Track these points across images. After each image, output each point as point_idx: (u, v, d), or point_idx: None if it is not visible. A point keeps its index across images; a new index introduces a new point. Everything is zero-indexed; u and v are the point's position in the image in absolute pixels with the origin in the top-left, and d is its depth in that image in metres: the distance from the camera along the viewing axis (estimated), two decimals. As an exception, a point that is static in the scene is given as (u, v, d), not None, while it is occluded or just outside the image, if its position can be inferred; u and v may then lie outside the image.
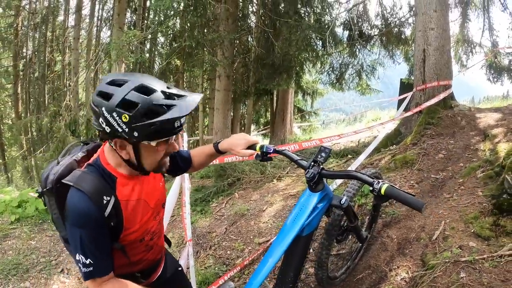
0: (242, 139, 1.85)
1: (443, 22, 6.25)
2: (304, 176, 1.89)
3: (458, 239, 2.72)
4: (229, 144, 1.85)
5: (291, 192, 5.00)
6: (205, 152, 1.91)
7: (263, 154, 1.84)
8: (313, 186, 1.75)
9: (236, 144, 1.83)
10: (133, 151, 1.32)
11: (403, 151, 5.21)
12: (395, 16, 9.68)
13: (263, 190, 5.48)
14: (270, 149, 1.83)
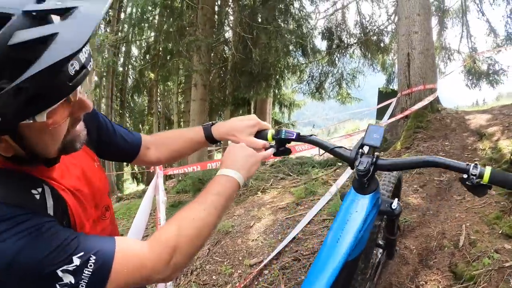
0: (249, 121, 1.27)
1: (427, 26, 6.17)
2: (291, 186, 1.53)
3: (488, 242, 2.43)
4: (229, 129, 1.26)
5: (280, 205, 4.53)
6: (185, 137, 1.30)
7: (280, 143, 1.28)
8: (366, 184, 1.20)
9: (240, 129, 1.25)
10: (13, 140, 0.71)
11: (396, 156, 4.97)
12: (374, 24, 9.65)
13: (248, 204, 4.98)
14: (292, 134, 1.26)
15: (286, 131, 1.27)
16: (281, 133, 1.26)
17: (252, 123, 1.26)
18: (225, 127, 1.27)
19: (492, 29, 9.13)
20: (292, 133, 1.27)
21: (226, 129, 1.26)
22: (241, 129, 1.25)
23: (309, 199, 4.43)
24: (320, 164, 7.17)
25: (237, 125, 1.26)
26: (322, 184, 5.14)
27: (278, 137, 1.26)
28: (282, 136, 1.26)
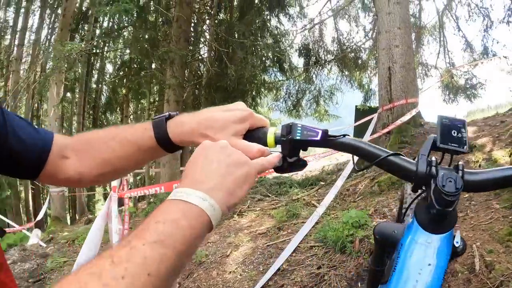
0: (235, 111, 0.72)
1: (407, 39, 6.04)
2: (270, 208, 1.31)
3: (508, 263, 2.16)
4: (199, 124, 0.70)
5: (259, 229, 4.05)
6: (121, 139, 0.74)
7: (290, 150, 0.75)
8: (446, 217, 0.70)
9: (220, 124, 0.69)
10: None
11: (383, 173, 4.65)
12: (351, 41, 9.57)
13: (223, 229, 4.48)
14: (315, 133, 0.74)
15: (304, 127, 0.74)
16: (294, 131, 0.73)
17: (240, 114, 0.70)
18: (193, 121, 0.69)
19: (469, 44, 9.28)
20: (315, 130, 0.73)
21: (193, 125, 0.68)
22: (221, 124, 0.68)
23: (291, 222, 3.98)
24: (300, 184, 6.83)
25: (215, 117, 0.69)
26: (304, 205, 4.72)
27: (289, 137, 0.73)
28: (296, 137, 0.73)
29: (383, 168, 0.72)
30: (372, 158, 0.72)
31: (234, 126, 0.68)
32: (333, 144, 0.75)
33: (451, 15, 9.58)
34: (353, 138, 0.75)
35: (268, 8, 9.17)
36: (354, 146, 0.73)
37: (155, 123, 0.70)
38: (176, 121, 0.69)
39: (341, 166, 8.30)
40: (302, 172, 9.25)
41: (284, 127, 0.75)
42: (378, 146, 0.74)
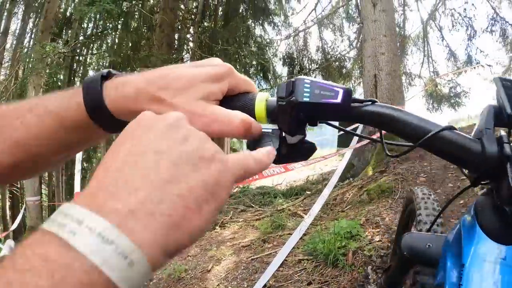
0: (207, 67, 0.45)
1: (393, 47, 6.00)
2: (254, 219, 1.55)
3: None
4: (152, 85, 0.42)
5: (243, 242, 3.80)
6: (45, 113, 0.45)
7: (294, 125, 0.48)
8: None
9: (185, 83, 0.42)
10: None
11: (371, 181, 4.51)
12: (336, 50, 9.58)
13: (204, 241, 4.21)
14: (333, 92, 0.46)
15: (315, 83, 0.47)
16: (299, 89, 0.46)
17: (214, 70, 0.45)
18: (141, 79, 0.43)
19: (452, 53, 9.45)
20: (332, 88, 0.46)
21: (140, 85, 0.43)
22: (184, 82, 0.43)
23: (277, 234, 3.75)
24: (284, 194, 6.63)
25: (176, 74, 0.44)
26: (290, 216, 4.50)
27: (291, 100, 0.46)
28: (304, 98, 0.46)
29: (431, 149, 0.48)
30: (415, 134, 0.47)
31: (204, 86, 0.43)
32: (358, 114, 0.49)
33: (435, 24, 9.76)
34: (386, 105, 0.50)
35: (252, 15, 9.09)
36: (390, 117, 0.48)
37: (86, 83, 0.45)
38: (117, 81, 0.44)
39: (326, 176, 8.18)
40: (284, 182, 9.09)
41: (283, 85, 0.48)
42: (425, 119, 0.48)
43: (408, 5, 9.80)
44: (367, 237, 2.84)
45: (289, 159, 0.51)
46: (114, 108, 0.43)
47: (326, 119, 0.51)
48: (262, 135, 0.47)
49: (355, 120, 0.51)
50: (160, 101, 0.41)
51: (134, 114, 0.38)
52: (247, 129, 0.42)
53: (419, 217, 1.49)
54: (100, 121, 0.45)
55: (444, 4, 9.82)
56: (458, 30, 9.45)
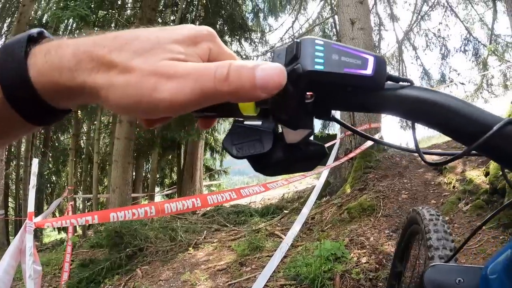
0: (176, 29, 0.31)
1: (370, 65, 6.09)
2: (230, 240, 1.79)
3: None
4: (102, 46, 0.28)
5: (218, 265, 3.54)
6: None
7: (298, 112, 0.32)
8: None
9: (144, 43, 0.29)
10: None
11: (351, 199, 4.41)
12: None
13: (177, 264, 3.92)
14: (360, 59, 0.30)
15: (331, 45, 0.30)
16: (307, 53, 0.30)
17: (189, 32, 0.31)
18: (84, 41, 0.29)
19: (426, 72, 9.80)
20: (359, 55, 0.30)
21: (83, 48, 0.28)
22: (146, 42, 0.28)
23: (255, 256, 3.52)
24: (259, 213, 6.45)
25: (136, 34, 0.29)
26: (267, 236, 4.29)
27: (294, 68, 0.30)
28: (315, 66, 0.29)
29: (490, 153, 0.32)
30: (470, 132, 0.31)
31: (174, 47, 0.29)
32: (394, 101, 0.32)
33: (410, 44, 10.13)
34: (430, 90, 0.33)
35: (229, 31, 9.04)
36: (442, 107, 0.31)
37: (5, 47, 0.29)
38: (51, 44, 0.30)
39: (301, 194, 8.08)
40: (258, 200, 8.89)
41: (282, 49, 0.33)
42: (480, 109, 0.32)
43: (383, 25, 10.14)
44: (353, 259, 2.68)
45: (287, 168, 0.36)
46: (41, 85, 0.28)
47: (346, 105, 0.34)
48: (246, 131, 0.33)
49: (386, 110, 0.34)
50: (111, 67, 0.28)
51: (70, 94, 0.29)
52: (247, 76, 0.27)
53: (429, 241, 1.33)
54: (21, 104, 0.29)
55: (419, 25, 10.26)
56: (432, 49, 9.90)
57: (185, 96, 0.27)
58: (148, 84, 0.27)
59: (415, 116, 0.33)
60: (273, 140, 0.33)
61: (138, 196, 11.34)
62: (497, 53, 9.51)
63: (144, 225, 5.14)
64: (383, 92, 0.32)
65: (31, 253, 1.62)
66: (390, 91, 0.32)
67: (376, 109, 0.34)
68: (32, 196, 1.86)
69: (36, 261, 1.67)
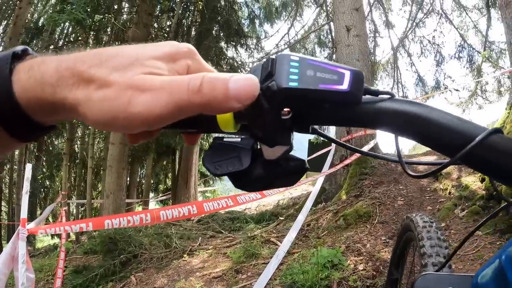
0: (157, 45, 0.32)
1: (366, 71, 6.14)
2: (225, 246, 1.81)
3: None
4: (82, 62, 0.29)
5: (214, 272, 3.51)
6: None
7: (274, 128, 0.32)
8: None
9: (124, 59, 0.29)
10: None
11: (347, 205, 4.41)
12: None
13: (172, 271, 3.89)
14: (336, 74, 0.30)
15: (306, 60, 0.30)
16: (282, 69, 0.29)
17: (170, 49, 0.31)
18: (66, 58, 0.29)
19: (421, 78, 9.90)
20: (335, 69, 0.30)
21: (65, 64, 0.29)
22: (127, 58, 0.29)
23: (251, 263, 3.50)
24: (254, 219, 6.42)
25: (117, 51, 0.30)
26: (263, 243, 4.27)
27: (269, 86, 0.29)
28: (289, 83, 0.29)
29: (473, 164, 0.32)
30: (452, 143, 0.31)
31: (153, 64, 0.30)
32: (373, 113, 0.32)
33: (405, 50, 10.24)
34: (410, 100, 0.33)
35: (225, 36, 9.08)
36: (421, 119, 0.31)
37: None
38: (34, 60, 0.30)
39: (296, 200, 8.06)
40: (253, 207, 8.86)
41: (258, 66, 0.33)
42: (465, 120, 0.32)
43: (379, 32, 10.25)
44: (350, 266, 2.67)
45: (267, 184, 0.35)
46: (25, 101, 0.29)
47: (323, 120, 0.35)
48: (226, 148, 0.34)
49: (365, 124, 0.34)
50: (90, 82, 0.28)
51: (52, 109, 0.30)
52: (220, 88, 0.27)
53: (423, 249, 1.33)
54: (7, 121, 0.30)
55: (414, 32, 10.38)
56: (427, 56, 10.01)
57: (160, 109, 0.27)
58: (124, 98, 0.27)
59: (396, 129, 0.33)
60: (252, 156, 0.33)
61: (132, 202, 11.26)
62: (491, 59, 9.61)
63: (139, 232, 5.10)
64: (361, 106, 0.32)
65: (24, 261, 1.59)
66: (368, 104, 0.32)
67: (355, 123, 0.34)
68: (25, 202, 1.83)
69: (29, 269, 1.64)
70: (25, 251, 1.61)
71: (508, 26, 4.69)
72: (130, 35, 7.06)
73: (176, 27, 8.51)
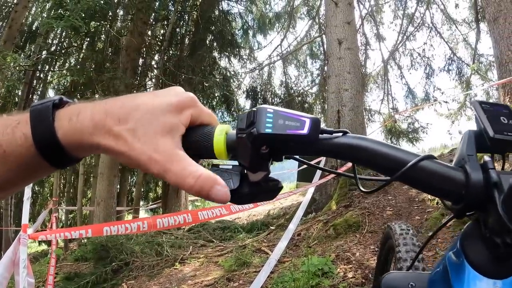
0: (168, 96, 0.41)
1: (357, 84, 6.25)
2: (216, 255, 1.84)
3: None
4: (111, 117, 0.38)
5: (206, 280, 3.55)
6: None
7: (256, 160, 0.42)
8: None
9: (142, 114, 0.38)
10: None
11: (337, 215, 4.49)
12: (299, 85, 9.87)
13: (163, 279, 3.90)
14: (299, 122, 0.41)
15: (279, 112, 0.42)
16: (261, 120, 0.41)
17: (177, 100, 0.41)
18: (98, 110, 0.39)
19: (411, 90, 10.11)
20: (299, 118, 0.41)
21: (97, 117, 0.38)
22: (144, 113, 0.39)
23: (242, 272, 3.54)
24: (245, 229, 6.45)
25: (136, 103, 0.40)
26: (254, 252, 4.31)
27: (251, 131, 0.41)
28: (266, 130, 0.40)
29: (410, 182, 0.44)
30: (392, 167, 0.43)
31: (166, 119, 0.40)
32: (328, 147, 0.44)
33: (395, 63, 10.45)
34: (358, 136, 0.45)
35: (219, 47, 9.18)
36: (363, 150, 0.43)
37: (34, 112, 0.39)
38: (71, 110, 0.39)
39: (287, 210, 8.11)
40: (244, 217, 8.88)
41: (243, 116, 0.43)
42: (401, 148, 0.45)
43: (370, 45, 10.47)
44: (339, 273, 2.74)
45: (252, 199, 0.46)
46: (67, 143, 0.38)
47: (292, 153, 0.47)
48: (221, 173, 0.43)
49: (324, 154, 0.46)
50: (119, 137, 0.38)
51: (89, 149, 0.39)
52: (205, 191, 0.39)
53: (399, 254, 1.43)
54: (49, 155, 0.38)
55: (404, 44, 10.61)
56: (417, 69, 10.22)
57: (167, 177, 0.38)
58: (145, 156, 0.38)
59: (347, 158, 0.44)
60: (240, 179, 0.43)
61: (122, 210, 11.16)
62: (480, 72, 9.84)
63: (130, 239, 5.09)
64: (318, 143, 0.43)
65: (25, 266, 1.63)
66: (324, 141, 0.43)
67: (315, 154, 0.46)
68: (26, 208, 1.87)
69: (29, 274, 1.68)
70: (26, 256, 1.65)
71: (496, 40, 4.87)
72: (124, 43, 7.13)
73: (170, 36, 8.59)
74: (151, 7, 7.80)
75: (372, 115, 10.36)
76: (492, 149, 0.45)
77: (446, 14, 10.59)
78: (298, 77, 10.12)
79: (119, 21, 9.56)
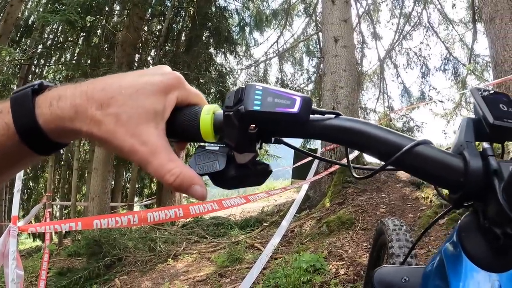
0: (151, 75, 0.40)
1: (352, 82, 6.25)
2: (209, 251, 1.77)
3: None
4: (92, 99, 0.37)
5: (198, 276, 3.55)
6: None
7: (243, 140, 0.40)
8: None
9: (127, 96, 0.37)
10: None
11: (330, 212, 4.50)
12: (295, 82, 9.85)
13: (156, 274, 3.89)
14: (289, 100, 0.39)
15: (268, 90, 0.39)
16: (249, 97, 0.39)
17: (162, 80, 0.39)
18: (79, 93, 0.37)
19: (407, 89, 10.14)
20: (289, 96, 0.39)
21: (78, 101, 0.37)
22: (129, 95, 0.37)
23: (234, 267, 3.55)
24: (239, 225, 6.45)
25: (120, 84, 0.38)
26: (247, 248, 4.32)
27: (238, 109, 0.39)
28: (254, 107, 0.38)
29: (405, 167, 0.41)
30: (387, 151, 0.40)
31: (150, 103, 0.38)
32: (319, 129, 0.42)
33: (391, 62, 10.47)
34: (352, 118, 0.42)
35: (215, 43, 9.15)
36: (357, 133, 0.41)
37: (14, 100, 0.38)
38: (51, 95, 0.38)
39: (281, 207, 8.12)
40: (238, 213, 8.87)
41: (231, 93, 0.41)
42: (396, 131, 0.42)
43: (366, 43, 10.48)
44: (331, 270, 2.75)
45: (239, 182, 0.43)
46: (49, 129, 0.37)
47: (282, 134, 0.44)
48: (207, 154, 0.42)
49: (315, 137, 0.44)
50: (100, 123, 0.36)
51: (72, 135, 0.38)
52: (183, 189, 0.38)
53: (391, 249, 1.43)
54: (32, 142, 0.38)
55: (400, 44, 10.64)
56: (413, 68, 10.27)
57: (149, 167, 0.37)
58: (127, 144, 0.37)
59: (340, 141, 0.42)
60: (227, 161, 0.41)
61: (116, 206, 11.13)
62: (476, 72, 9.88)
63: (123, 235, 5.08)
64: (309, 124, 0.41)
65: (14, 257, 1.62)
66: (316, 122, 0.41)
67: (306, 136, 0.44)
68: (16, 200, 1.85)
69: (18, 266, 1.66)
70: (16, 248, 1.64)
71: (492, 40, 4.89)
72: (120, 38, 7.08)
73: (166, 32, 8.55)
74: (147, 2, 7.74)
75: (367, 113, 10.41)
76: (491, 136, 0.43)
77: (443, 14, 10.61)
78: (294, 74, 10.14)
79: (115, 16, 9.50)
